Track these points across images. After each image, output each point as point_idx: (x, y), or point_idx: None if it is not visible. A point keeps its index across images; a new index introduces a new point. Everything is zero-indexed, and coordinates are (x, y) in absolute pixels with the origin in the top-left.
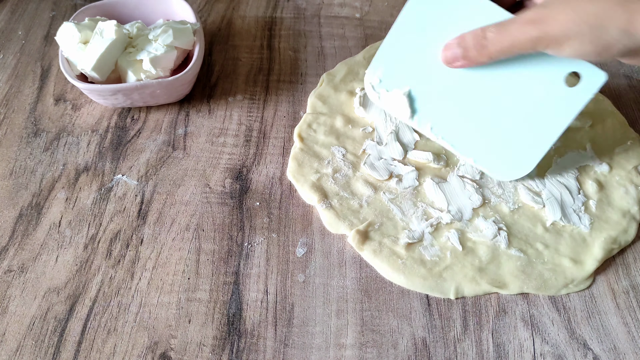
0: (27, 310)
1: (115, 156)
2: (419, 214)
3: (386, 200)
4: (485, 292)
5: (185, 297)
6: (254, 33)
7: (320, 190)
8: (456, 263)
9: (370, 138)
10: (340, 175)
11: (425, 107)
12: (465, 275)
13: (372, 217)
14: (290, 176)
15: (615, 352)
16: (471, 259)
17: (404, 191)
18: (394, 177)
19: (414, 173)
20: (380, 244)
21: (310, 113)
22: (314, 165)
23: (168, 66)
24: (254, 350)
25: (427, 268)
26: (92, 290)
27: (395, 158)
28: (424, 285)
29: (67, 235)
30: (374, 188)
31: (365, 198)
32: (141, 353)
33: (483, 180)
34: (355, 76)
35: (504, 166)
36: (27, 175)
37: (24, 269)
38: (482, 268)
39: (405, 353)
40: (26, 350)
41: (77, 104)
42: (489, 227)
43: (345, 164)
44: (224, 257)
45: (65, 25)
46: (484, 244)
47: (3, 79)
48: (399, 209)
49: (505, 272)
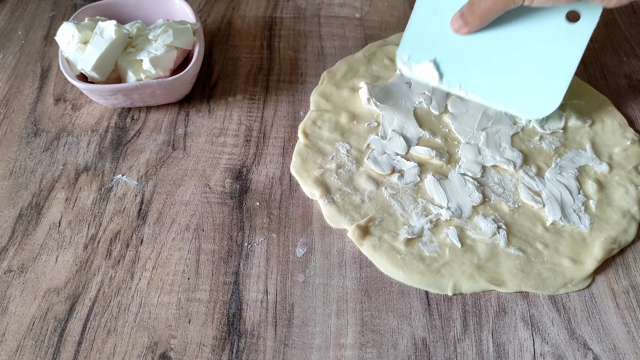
0: (27, 310)
1: (115, 156)
2: (419, 210)
3: (387, 196)
4: (483, 289)
5: (185, 297)
6: (254, 33)
7: (323, 185)
8: (455, 260)
9: (375, 133)
10: (344, 171)
11: (451, 70)
12: (464, 272)
13: (373, 213)
14: (293, 171)
15: (615, 352)
16: (470, 256)
17: (405, 187)
18: (396, 172)
19: (416, 169)
20: (380, 239)
21: (314, 110)
22: (318, 161)
23: (168, 66)
24: (254, 350)
25: (425, 264)
26: (92, 290)
27: (398, 153)
28: (422, 281)
29: (67, 235)
30: (376, 183)
31: (367, 193)
32: (141, 353)
33: (484, 179)
34: (356, 73)
35: (534, 105)
36: (27, 175)
37: (24, 269)
38: (481, 265)
39: (405, 353)
40: (26, 351)
41: (77, 104)
42: (488, 225)
43: (349, 160)
44: (224, 257)
45: (65, 25)
46: (483, 241)
47: (3, 79)
48: (399, 205)
49: (503, 270)
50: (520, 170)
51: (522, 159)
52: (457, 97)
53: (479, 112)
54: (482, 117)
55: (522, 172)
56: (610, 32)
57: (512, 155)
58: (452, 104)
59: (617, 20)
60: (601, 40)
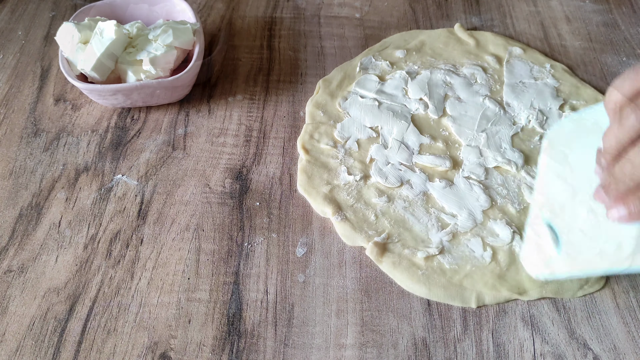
0: (27, 310)
1: (115, 156)
2: (433, 221)
3: (400, 209)
4: (507, 299)
5: (185, 297)
6: (253, 33)
7: (333, 202)
8: (475, 271)
9: (375, 142)
10: (352, 186)
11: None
12: (486, 282)
13: (389, 228)
14: (301, 190)
15: (615, 352)
16: (491, 265)
17: (416, 198)
18: (404, 184)
19: (423, 177)
20: (400, 256)
21: (310, 123)
22: (324, 177)
23: (168, 66)
24: (254, 350)
25: (447, 277)
26: (92, 290)
27: (402, 162)
28: (445, 295)
29: (67, 235)
30: (386, 196)
31: (380, 208)
32: (141, 353)
33: (487, 181)
34: (352, 80)
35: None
36: (27, 175)
37: (24, 269)
38: (502, 274)
39: (405, 353)
40: (26, 351)
41: (77, 104)
42: (504, 231)
43: (354, 174)
44: (224, 257)
45: (65, 26)
46: (501, 249)
47: (3, 79)
48: (414, 218)
49: (523, 277)
50: (522, 170)
51: (523, 159)
52: (455, 99)
53: (478, 113)
54: (482, 118)
55: (524, 172)
56: (610, 32)
57: (513, 155)
58: (451, 106)
59: (617, 20)
60: (601, 40)
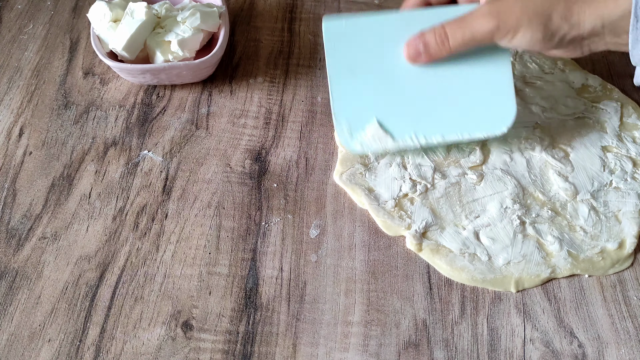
0: (60, 275)
1: (141, 132)
2: (468, 212)
3: (436, 199)
4: (543, 281)
5: (207, 270)
6: (275, 15)
7: (373, 194)
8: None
9: None
10: None
11: (397, 124)
12: (523, 268)
13: (427, 218)
14: (339, 180)
15: (598, 341)
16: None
17: (450, 187)
18: (437, 174)
19: (457, 170)
20: (438, 245)
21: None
22: (362, 169)
23: (194, 48)
24: (269, 323)
25: (485, 264)
26: (120, 259)
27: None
28: (485, 282)
29: (96, 207)
30: (423, 187)
31: (417, 198)
32: (165, 320)
33: (512, 170)
34: None
35: (493, 121)
36: (58, 147)
37: (57, 237)
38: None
39: (407, 332)
40: (60, 313)
41: (104, 78)
42: (540, 214)
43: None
44: (243, 235)
45: (97, 4)
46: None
47: (34, 50)
48: (449, 208)
49: (556, 259)
50: (544, 152)
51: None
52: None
53: None
54: None
55: (547, 154)
56: None
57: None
58: None
59: None
60: None
